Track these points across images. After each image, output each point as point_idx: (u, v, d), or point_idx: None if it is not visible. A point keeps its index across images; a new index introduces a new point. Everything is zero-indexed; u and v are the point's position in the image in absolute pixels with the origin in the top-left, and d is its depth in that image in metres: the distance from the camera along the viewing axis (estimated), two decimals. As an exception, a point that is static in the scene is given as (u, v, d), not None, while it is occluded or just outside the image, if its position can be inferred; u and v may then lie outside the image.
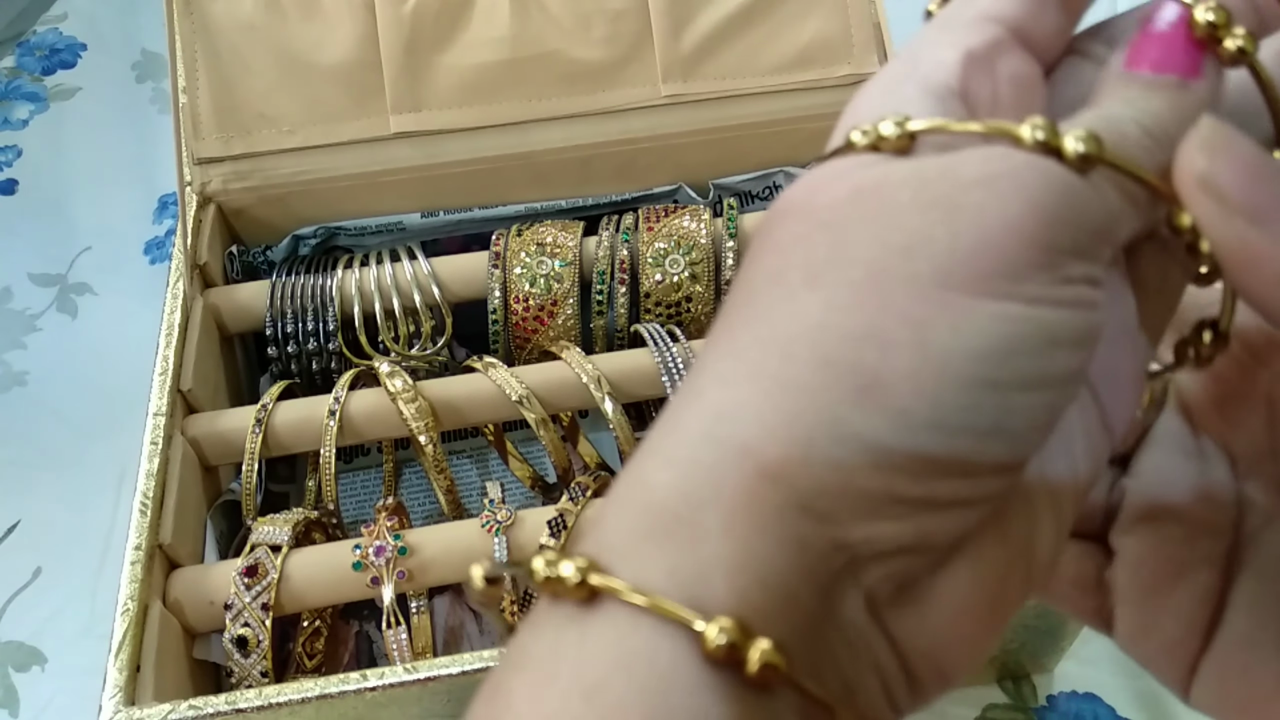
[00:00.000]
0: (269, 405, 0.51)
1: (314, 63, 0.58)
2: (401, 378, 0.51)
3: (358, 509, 0.58)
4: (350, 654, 0.52)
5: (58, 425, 0.64)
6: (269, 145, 0.59)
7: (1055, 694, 0.51)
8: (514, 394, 0.51)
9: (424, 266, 0.57)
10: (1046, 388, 0.17)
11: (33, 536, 0.59)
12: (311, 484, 0.55)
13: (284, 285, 0.57)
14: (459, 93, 0.59)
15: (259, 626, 0.45)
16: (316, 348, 0.56)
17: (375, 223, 0.61)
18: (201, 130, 0.58)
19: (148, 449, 0.48)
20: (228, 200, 0.60)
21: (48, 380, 0.67)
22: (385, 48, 0.58)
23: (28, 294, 0.71)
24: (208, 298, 0.56)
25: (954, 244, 0.17)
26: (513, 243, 0.57)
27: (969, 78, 0.20)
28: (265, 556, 0.46)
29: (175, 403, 0.51)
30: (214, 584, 0.46)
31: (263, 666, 0.45)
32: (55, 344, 0.68)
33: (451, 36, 0.58)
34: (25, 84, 0.85)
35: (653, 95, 0.59)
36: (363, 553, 0.46)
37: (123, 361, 0.65)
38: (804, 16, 0.59)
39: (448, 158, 0.60)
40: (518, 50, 0.58)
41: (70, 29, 0.89)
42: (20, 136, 0.81)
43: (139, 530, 0.45)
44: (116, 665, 0.42)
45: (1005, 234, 0.17)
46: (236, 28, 0.58)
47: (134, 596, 0.44)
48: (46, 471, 0.62)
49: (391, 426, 0.52)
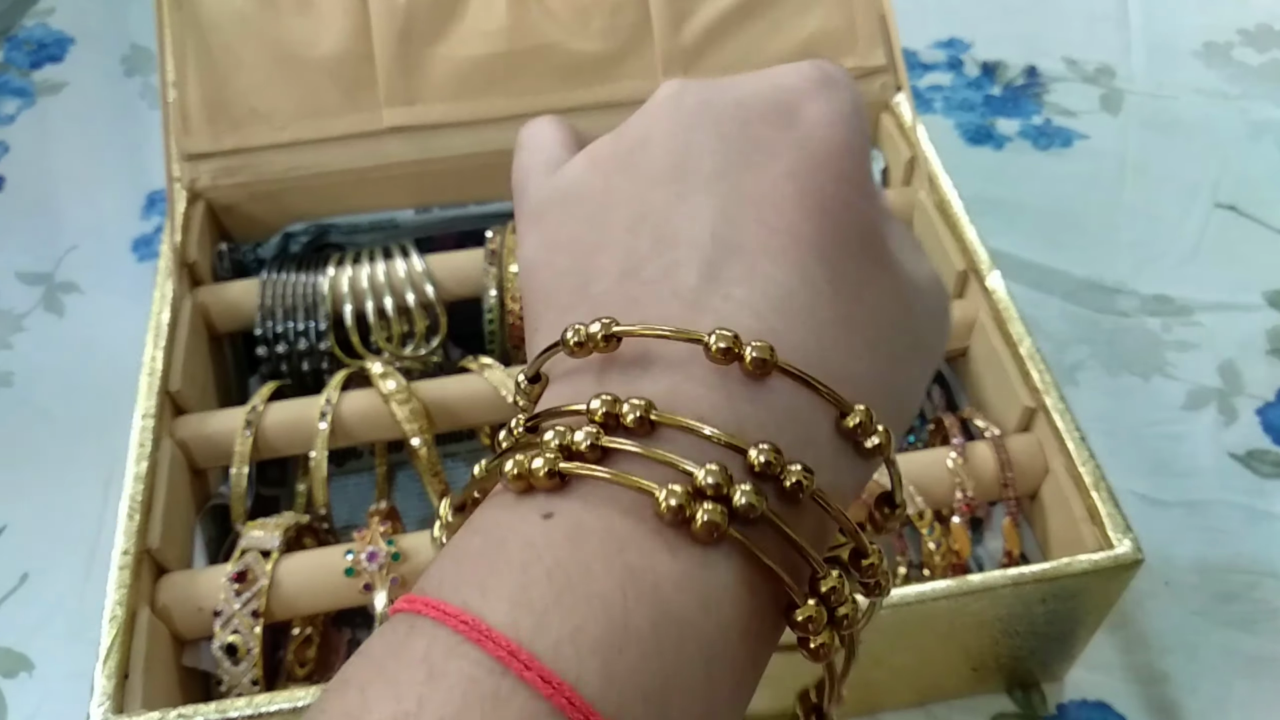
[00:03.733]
0: (259, 407, 0.51)
1: (305, 56, 0.57)
2: (395, 378, 0.50)
3: (350, 513, 0.57)
4: (342, 662, 0.51)
5: (44, 427, 0.63)
6: (259, 140, 0.58)
7: (1065, 702, 0.50)
8: (510, 395, 0.50)
9: (418, 264, 0.56)
10: None
11: (19, 540, 0.58)
12: (302, 487, 0.55)
13: (274, 283, 0.56)
14: (454, 86, 0.58)
15: (249, 634, 0.44)
16: (308, 347, 0.55)
17: (368, 219, 0.60)
18: (191, 125, 0.57)
19: (135, 451, 0.47)
20: (217, 196, 0.59)
21: (34, 381, 0.66)
22: (378, 40, 0.57)
23: (14, 293, 0.70)
24: (196, 296, 0.55)
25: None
26: (509, 240, 0.56)
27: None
28: (255, 562, 0.45)
29: (163, 404, 0.50)
30: (203, 590, 0.45)
31: (253, 674, 0.44)
32: (42, 344, 0.67)
33: (446, 29, 0.58)
34: (13, 79, 0.84)
35: (653, 89, 0.58)
36: (355, 558, 0.45)
37: (110, 361, 0.64)
38: (807, 8, 0.58)
39: (442, 152, 0.59)
40: (514, 43, 0.57)
41: (58, 22, 0.88)
42: (7, 132, 0.80)
43: (127, 534, 0.45)
44: (104, 672, 0.41)
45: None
46: (227, 21, 0.57)
47: (122, 602, 0.43)
48: (33, 474, 0.61)
49: (384, 428, 0.51)
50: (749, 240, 0.22)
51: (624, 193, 0.23)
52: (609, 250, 0.23)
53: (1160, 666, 0.51)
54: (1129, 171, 0.75)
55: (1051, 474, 0.48)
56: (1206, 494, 0.57)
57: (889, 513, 0.23)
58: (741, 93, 0.24)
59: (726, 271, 0.21)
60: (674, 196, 0.23)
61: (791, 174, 0.23)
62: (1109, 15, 0.86)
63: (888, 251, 0.23)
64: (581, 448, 0.19)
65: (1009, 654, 0.47)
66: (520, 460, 0.19)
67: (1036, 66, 0.82)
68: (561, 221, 0.24)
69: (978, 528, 0.52)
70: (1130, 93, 0.80)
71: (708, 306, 0.21)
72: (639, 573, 0.18)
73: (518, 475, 0.19)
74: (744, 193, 0.22)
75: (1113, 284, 0.67)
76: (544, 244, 0.24)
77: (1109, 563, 0.43)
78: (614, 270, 0.22)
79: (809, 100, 0.24)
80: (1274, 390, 0.62)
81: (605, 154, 0.25)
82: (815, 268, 0.22)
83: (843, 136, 0.23)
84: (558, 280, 0.23)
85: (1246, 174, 0.74)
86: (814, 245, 0.22)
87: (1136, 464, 0.58)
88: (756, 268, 0.21)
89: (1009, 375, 0.51)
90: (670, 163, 0.23)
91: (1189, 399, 0.62)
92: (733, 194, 0.22)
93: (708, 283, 0.21)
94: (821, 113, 0.24)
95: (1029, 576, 0.42)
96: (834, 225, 0.22)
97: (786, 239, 0.22)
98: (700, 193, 0.23)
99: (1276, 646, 0.52)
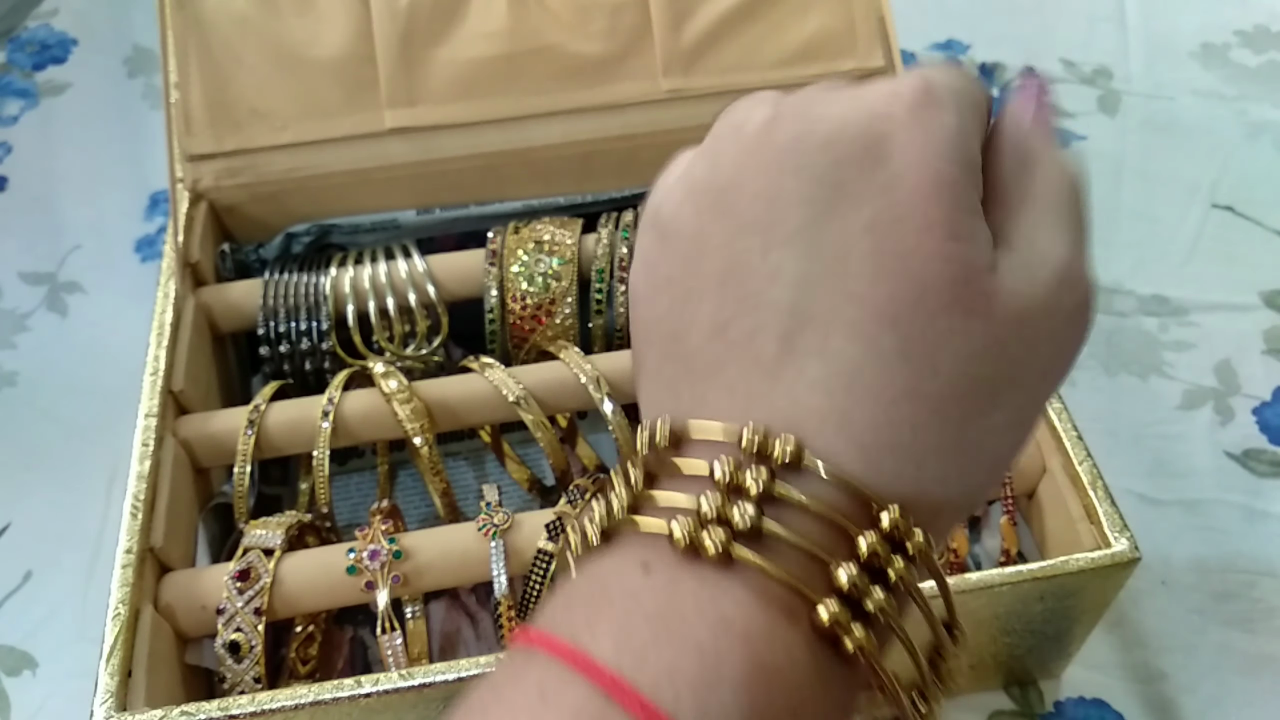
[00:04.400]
0: (262, 406, 0.51)
1: (307, 57, 0.58)
2: (396, 378, 0.50)
3: (352, 512, 0.57)
4: (344, 660, 0.52)
5: (47, 426, 0.63)
6: (262, 141, 0.58)
7: (1063, 700, 0.50)
8: (511, 395, 0.50)
9: (419, 265, 0.56)
10: None
11: (23, 539, 0.59)
12: (305, 486, 0.55)
13: (277, 284, 0.56)
14: (455, 87, 0.58)
15: (251, 631, 0.44)
16: (310, 347, 0.55)
17: (370, 220, 0.60)
18: (193, 126, 0.58)
19: (139, 450, 0.48)
20: (220, 197, 0.59)
21: (37, 381, 0.66)
22: (380, 42, 0.57)
23: (17, 293, 0.70)
24: (199, 296, 0.56)
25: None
26: (510, 240, 0.56)
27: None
28: (258, 560, 0.46)
29: (166, 403, 0.50)
30: (206, 588, 0.46)
31: (255, 672, 0.44)
32: (45, 344, 0.68)
33: (447, 30, 0.58)
34: (16, 80, 0.84)
35: (653, 90, 0.59)
36: (357, 556, 0.46)
37: (113, 361, 0.64)
38: (807, 9, 0.59)
39: (443, 154, 0.59)
40: (515, 44, 0.58)
41: (61, 24, 0.88)
42: (10, 133, 0.80)
43: (130, 533, 0.45)
44: (108, 670, 0.41)
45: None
46: (229, 22, 0.57)
47: (125, 600, 0.43)
48: (36, 473, 0.61)
49: (386, 428, 0.51)
50: (822, 309, 0.22)
51: (716, 239, 0.24)
52: (702, 301, 0.24)
53: (1157, 665, 0.51)
54: (1126, 172, 0.75)
55: (1049, 473, 0.49)
56: (1203, 493, 0.58)
57: (941, 660, 0.24)
58: (832, 126, 0.23)
59: (801, 343, 0.22)
60: (759, 250, 0.23)
61: (870, 228, 0.22)
62: (1107, 17, 0.86)
63: (981, 293, 0.22)
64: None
65: (1006, 652, 0.48)
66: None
67: (1034, 68, 0.82)
68: (662, 254, 0.25)
69: (975, 526, 0.53)
70: (1128, 94, 0.80)
71: (784, 379, 0.22)
72: (731, 622, 0.20)
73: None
74: (823, 251, 0.22)
75: (1110, 284, 0.68)
76: (646, 274, 0.26)
77: (1106, 561, 0.43)
78: (705, 325, 0.23)
79: (902, 130, 0.23)
80: (1270, 390, 0.62)
81: (700, 189, 0.25)
82: (886, 338, 0.22)
83: (933, 175, 0.22)
84: (658, 324, 0.25)
85: (1244, 175, 0.74)
86: (885, 313, 0.22)
87: (1133, 463, 0.58)
88: (829, 341, 0.22)
89: (1007, 375, 0.51)
90: (759, 210, 0.23)
91: (1186, 399, 0.62)
92: (812, 252, 0.23)
93: (786, 354, 0.22)
94: (913, 147, 0.22)
95: (1026, 575, 0.43)
96: (910, 285, 0.22)
97: (858, 309, 0.22)
98: (782, 248, 0.23)
99: (1273, 645, 0.52)
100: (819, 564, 0.21)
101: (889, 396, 0.22)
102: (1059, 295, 0.23)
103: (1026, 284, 0.23)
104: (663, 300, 0.25)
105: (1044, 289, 0.23)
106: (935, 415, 0.22)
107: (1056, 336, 0.23)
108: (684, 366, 0.24)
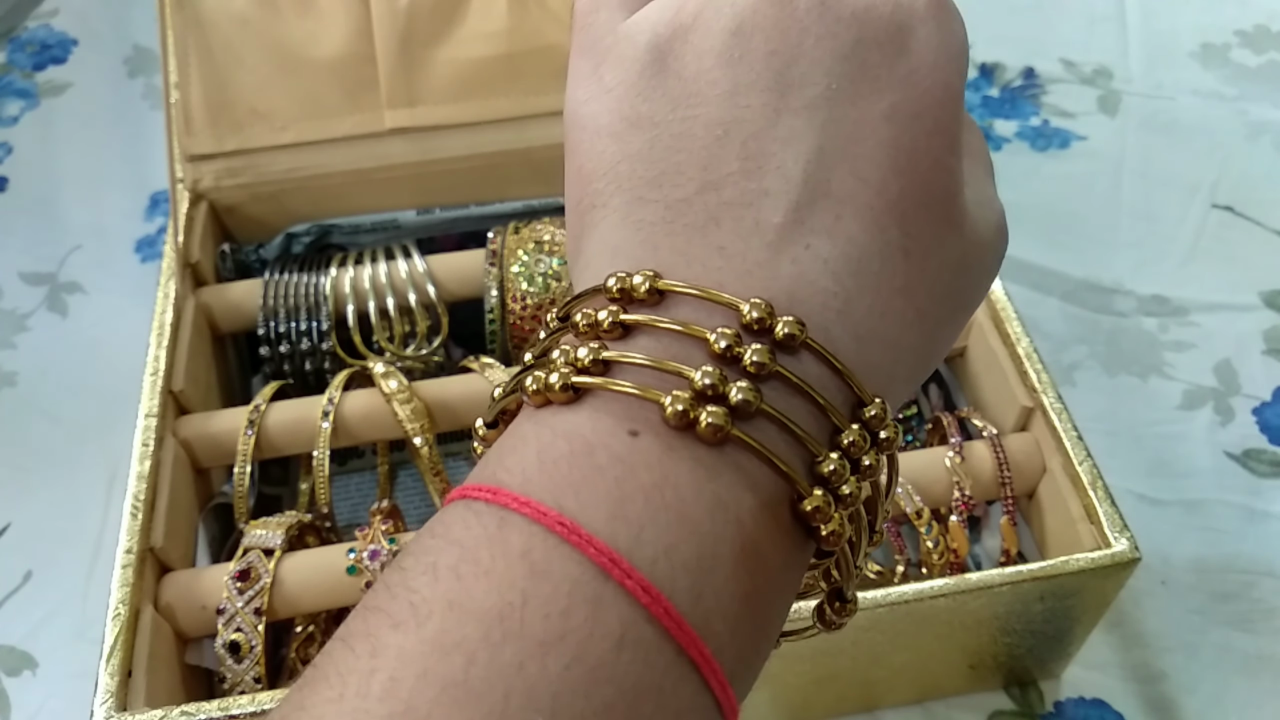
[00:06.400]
0: (262, 406, 0.51)
1: (308, 57, 0.58)
2: (396, 378, 0.50)
3: (352, 512, 0.57)
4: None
5: (48, 426, 0.63)
6: (262, 141, 0.58)
7: (1063, 700, 0.50)
8: (511, 394, 0.50)
9: (419, 265, 0.56)
10: None
11: (23, 539, 0.59)
12: (305, 486, 0.55)
13: (277, 284, 0.56)
14: (455, 87, 0.58)
15: (252, 631, 0.44)
16: (310, 347, 0.56)
17: (370, 220, 0.60)
18: (194, 126, 0.58)
19: (139, 450, 0.48)
20: (220, 197, 0.59)
21: (38, 381, 0.66)
22: (380, 42, 0.57)
23: (17, 293, 0.70)
24: (199, 297, 0.56)
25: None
26: (510, 240, 0.56)
27: None
28: (258, 560, 0.46)
29: (166, 404, 0.50)
30: (206, 588, 0.46)
31: (256, 672, 0.44)
32: (45, 344, 0.68)
33: (447, 30, 0.58)
34: (16, 80, 0.84)
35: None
36: (357, 556, 0.46)
37: (114, 361, 0.64)
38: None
39: (443, 154, 0.59)
40: (515, 44, 0.58)
41: (61, 24, 0.88)
42: (10, 133, 0.80)
43: (130, 533, 0.45)
44: (108, 670, 0.41)
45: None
46: (229, 22, 0.57)
47: (125, 601, 0.43)
48: (36, 473, 0.61)
49: (386, 428, 0.51)
50: (838, 187, 0.21)
51: (720, 87, 0.22)
52: (690, 151, 0.22)
53: (1157, 665, 0.51)
54: (1126, 173, 0.75)
55: (1049, 473, 0.49)
56: (1203, 493, 0.58)
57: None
58: (861, 2, 0.22)
59: (812, 219, 0.21)
60: (770, 109, 0.22)
61: (890, 117, 0.22)
62: (1107, 17, 0.86)
63: (961, 209, 0.23)
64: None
65: (1007, 652, 0.48)
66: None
67: (1034, 68, 0.82)
68: (638, 91, 0.23)
69: (975, 526, 0.53)
70: (1128, 94, 0.80)
71: (788, 252, 0.21)
72: (726, 505, 0.19)
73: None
74: (843, 129, 0.21)
75: (1110, 284, 0.68)
76: (614, 108, 0.23)
77: (1106, 561, 0.43)
78: (694, 176, 0.21)
79: (922, 26, 0.22)
80: (1270, 390, 0.62)
81: (706, 28, 0.22)
82: (894, 231, 0.21)
83: (945, 79, 0.22)
84: (630, 163, 0.22)
85: (1244, 175, 0.74)
86: (897, 206, 0.21)
87: (1133, 463, 0.58)
88: (841, 223, 0.21)
89: (1007, 375, 0.51)
90: (775, 68, 0.22)
91: (1186, 399, 0.62)
92: (832, 127, 0.21)
93: (793, 225, 0.21)
94: (930, 47, 0.22)
95: (1026, 575, 0.43)
96: (919, 185, 0.22)
97: (873, 195, 0.21)
98: (800, 116, 0.21)
99: (1273, 645, 0.52)
100: (805, 451, 0.20)
101: (889, 289, 0.21)
102: (999, 237, 0.25)
103: (981, 219, 0.24)
104: (637, 138, 0.22)
105: (992, 228, 0.24)
106: (920, 316, 0.22)
107: (989, 273, 0.25)
108: (662, 216, 0.21)
